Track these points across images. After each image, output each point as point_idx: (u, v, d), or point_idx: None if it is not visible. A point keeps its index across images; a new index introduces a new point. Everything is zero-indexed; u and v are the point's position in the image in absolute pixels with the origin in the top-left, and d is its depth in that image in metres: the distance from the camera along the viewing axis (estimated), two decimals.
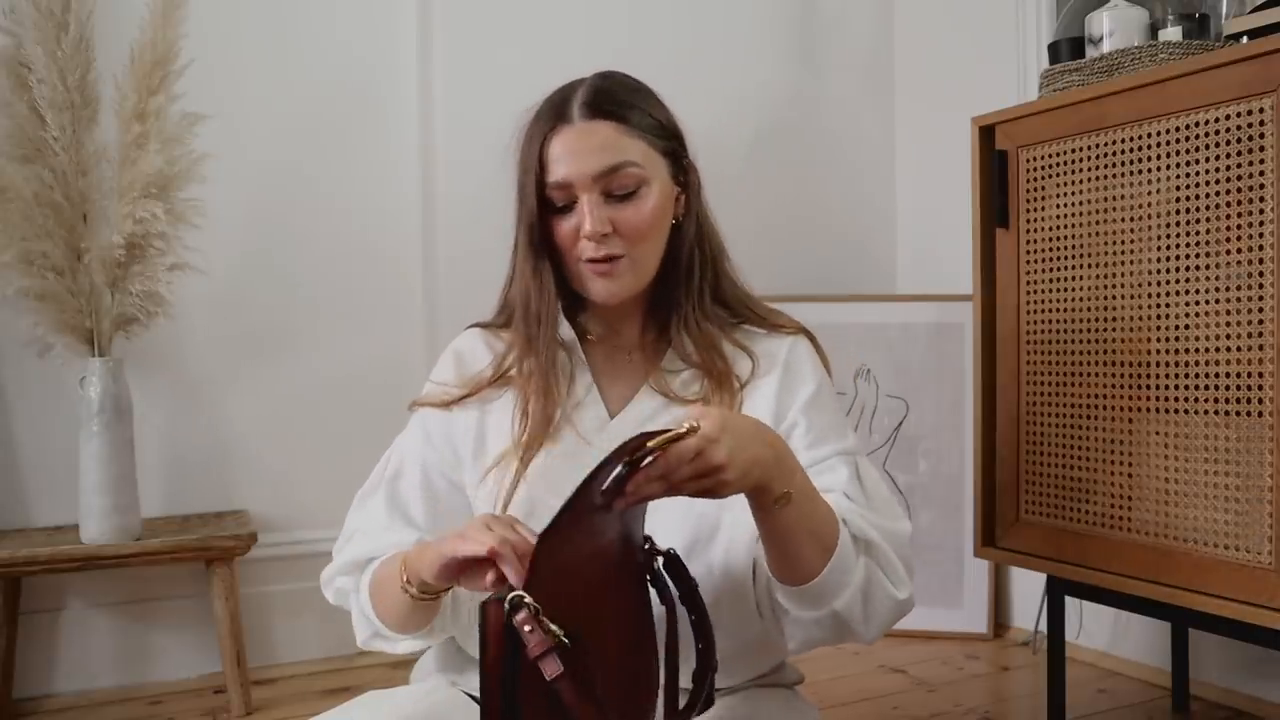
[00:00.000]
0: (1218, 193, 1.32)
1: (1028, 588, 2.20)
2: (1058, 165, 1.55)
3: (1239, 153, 1.29)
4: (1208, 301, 1.34)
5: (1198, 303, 1.35)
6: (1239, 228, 1.30)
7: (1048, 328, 1.58)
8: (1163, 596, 1.40)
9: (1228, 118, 1.31)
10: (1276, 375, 1.26)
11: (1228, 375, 1.32)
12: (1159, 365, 1.41)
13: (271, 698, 1.94)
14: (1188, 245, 1.37)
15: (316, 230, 2.14)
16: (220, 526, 1.93)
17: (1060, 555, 1.55)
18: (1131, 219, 1.44)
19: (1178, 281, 1.38)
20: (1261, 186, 1.27)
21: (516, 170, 1.07)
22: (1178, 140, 1.37)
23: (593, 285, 1.05)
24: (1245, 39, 1.38)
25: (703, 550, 1.01)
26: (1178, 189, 1.38)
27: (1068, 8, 1.80)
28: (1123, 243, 1.45)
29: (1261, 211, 1.27)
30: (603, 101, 1.03)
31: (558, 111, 1.04)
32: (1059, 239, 1.55)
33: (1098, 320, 1.50)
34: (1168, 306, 1.39)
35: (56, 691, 1.94)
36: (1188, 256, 1.37)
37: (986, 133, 1.66)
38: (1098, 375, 1.50)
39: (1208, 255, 1.34)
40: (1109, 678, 1.98)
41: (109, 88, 1.80)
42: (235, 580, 1.89)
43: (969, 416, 2.19)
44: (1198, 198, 1.35)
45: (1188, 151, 1.36)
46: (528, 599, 0.76)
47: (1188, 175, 1.36)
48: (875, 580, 0.97)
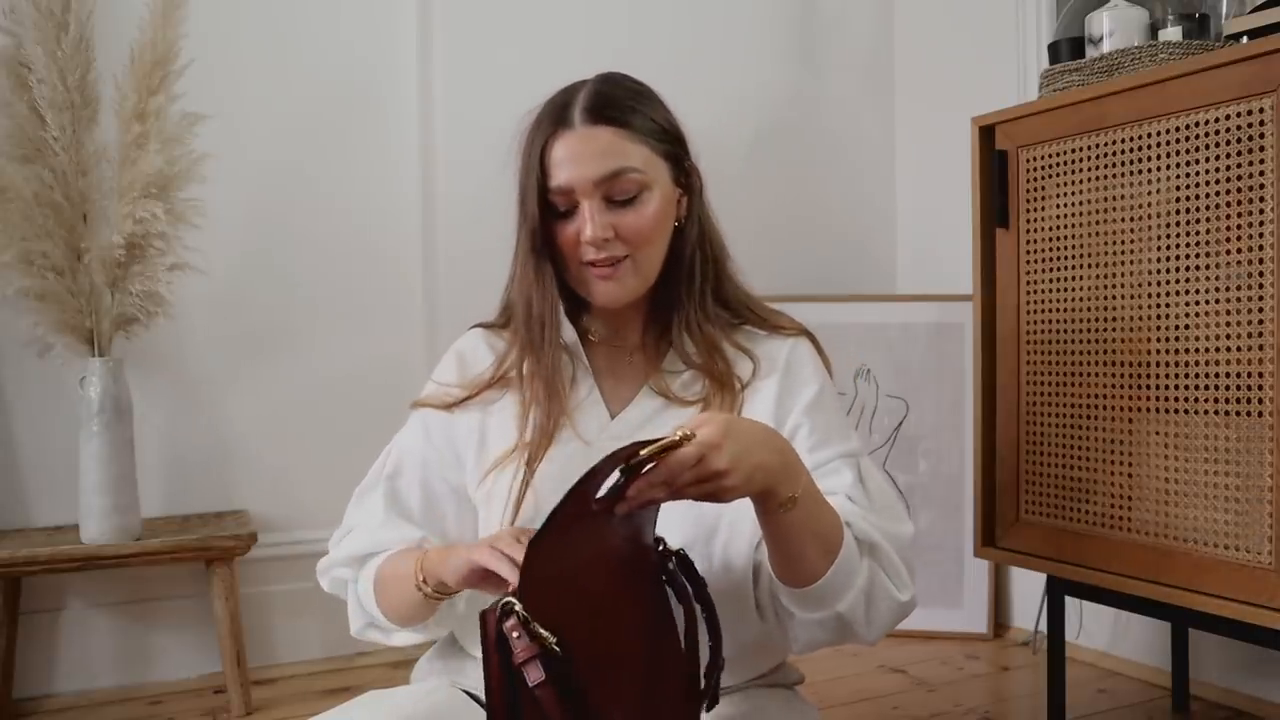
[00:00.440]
0: (1218, 193, 1.32)
1: (1028, 588, 2.20)
2: (1058, 165, 1.55)
3: (1239, 153, 1.29)
4: (1208, 301, 1.34)
5: (1198, 303, 1.35)
6: (1239, 228, 1.30)
7: (1048, 328, 1.58)
8: (1162, 596, 1.40)
9: (1228, 118, 1.30)
10: (1276, 375, 1.26)
11: (1228, 375, 1.32)
12: (1159, 365, 1.41)
13: (271, 698, 1.94)
14: (1188, 245, 1.37)
15: (316, 230, 2.14)
16: (220, 526, 1.93)
17: (1060, 555, 1.55)
18: (1131, 219, 1.44)
19: (1178, 281, 1.38)
20: (1261, 186, 1.27)
21: (518, 172, 1.07)
22: (1178, 140, 1.37)
23: (595, 288, 1.06)
24: (1245, 39, 1.38)
25: (702, 548, 1.01)
26: (1178, 189, 1.38)
27: (1068, 8, 1.80)
28: (1123, 243, 1.45)
29: (1261, 211, 1.27)
30: (604, 106, 1.03)
31: (559, 116, 1.03)
32: (1059, 239, 1.55)
33: (1098, 320, 1.49)
34: (1168, 306, 1.39)
35: (56, 691, 1.94)
36: (1188, 256, 1.37)
37: (986, 133, 1.66)
38: (1098, 375, 1.50)
39: (1208, 255, 1.34)
40: (1109, 678, 1.98)
41: (109, 88, 1.80)
42: (235, 580, 1.89)
43: (969, 416, 2.19)
44: (1198, 198, 1.35)
45: (1188, 151, 1.36)
46: (517, 606, 0.76)
47: (1188, 175, 1.36)
48: (878, 582, 0.98)
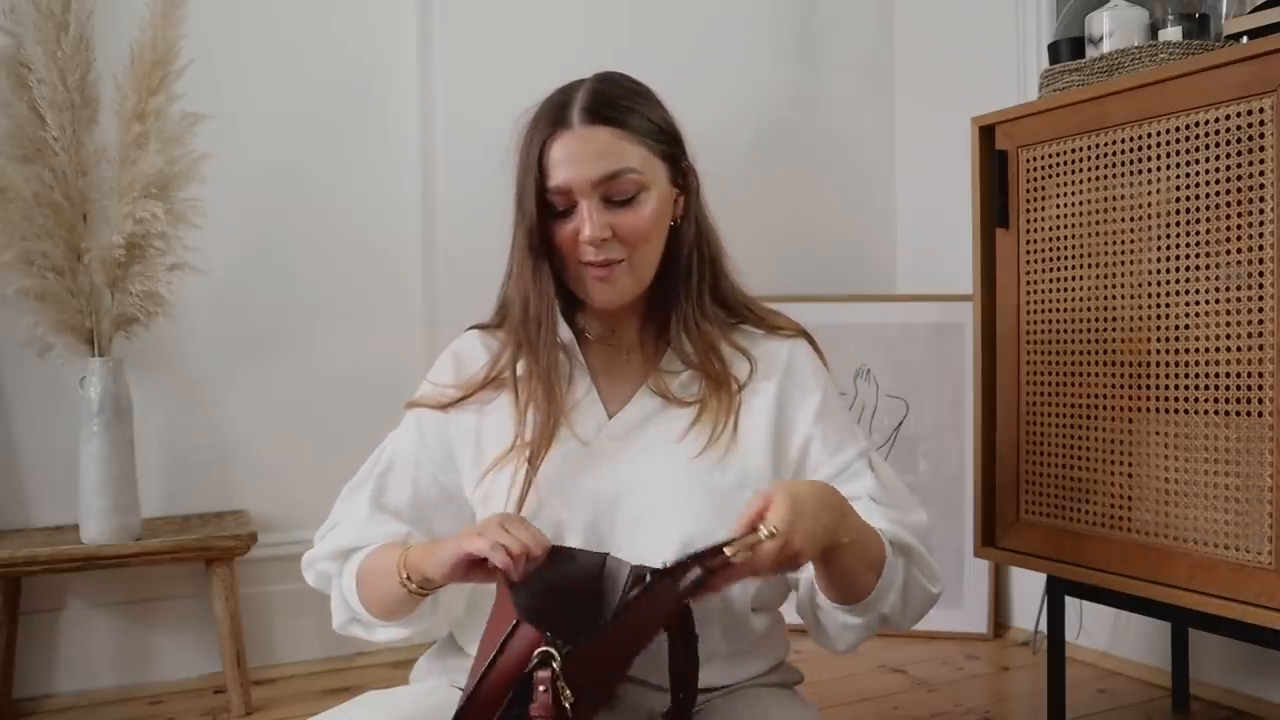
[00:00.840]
0: (1218, 193, 1.32)
1: (1028, 588, 2.20)
2: (1058, 165, 1.55)
3: (1239, 153, 1.29)
4: (1208, 301, 1.34)
5: (1198, 303, 1.35)
6: (1239, 228, 1.30)
7: (1048, 328, 1.58)
8: (1163, 596, 1.40)
9: (1228, 118, 1.30)
10: (1276, 375, 1.26)
11: (1228, 375, 1.32)
12: (1159, 365, 1.41)
13: (271, 698, 1.94)
14: (1188, 245, 1.37)
15: (316, 230, 2.14)
16: (220, 526, 1.93)
17: (1060, 555, 1.55)
18: (1131, 219, 1.44)
19: (1178, 281, 1.38)
20: (1261, 186, 1.27)
21: (515, 171, 1.07)
22: (1178, 140, 1.37)
23: (593, 290, 1.06)
24: (1245, 39, 1.38)
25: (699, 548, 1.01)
26: (1178, 189, 1.38)
27: (1068, 8, 1.80)
28: (1123, 243, 1.45)
29: (1261, 211, 1.27)
30: (602, 106, 1.03)
31: (557, 116, 1.03)
32: (1059, 239, 1.55)
33: (1098, 320, 1.49)
34: (1168, 306, 1.39)
35: (56, 691, 1.94)
36: (1188, 256, 1.37)
37: (986, 133, 1.66)
38: (1098, 375, 1.50)
39: (1208, 255, 1.34)
40: (1109, 678, 1.98)
41: (109, 88, 1.80)
42: (235, 580, 1.89)
43: (969, 416, 2.19)
44: (1198, 198, 1.35)
45: (1188, 151, 1.36)
46: (555, 661, 0.78)
47: (1188, 175, 1.36)
48: (913, 580, 1.05)
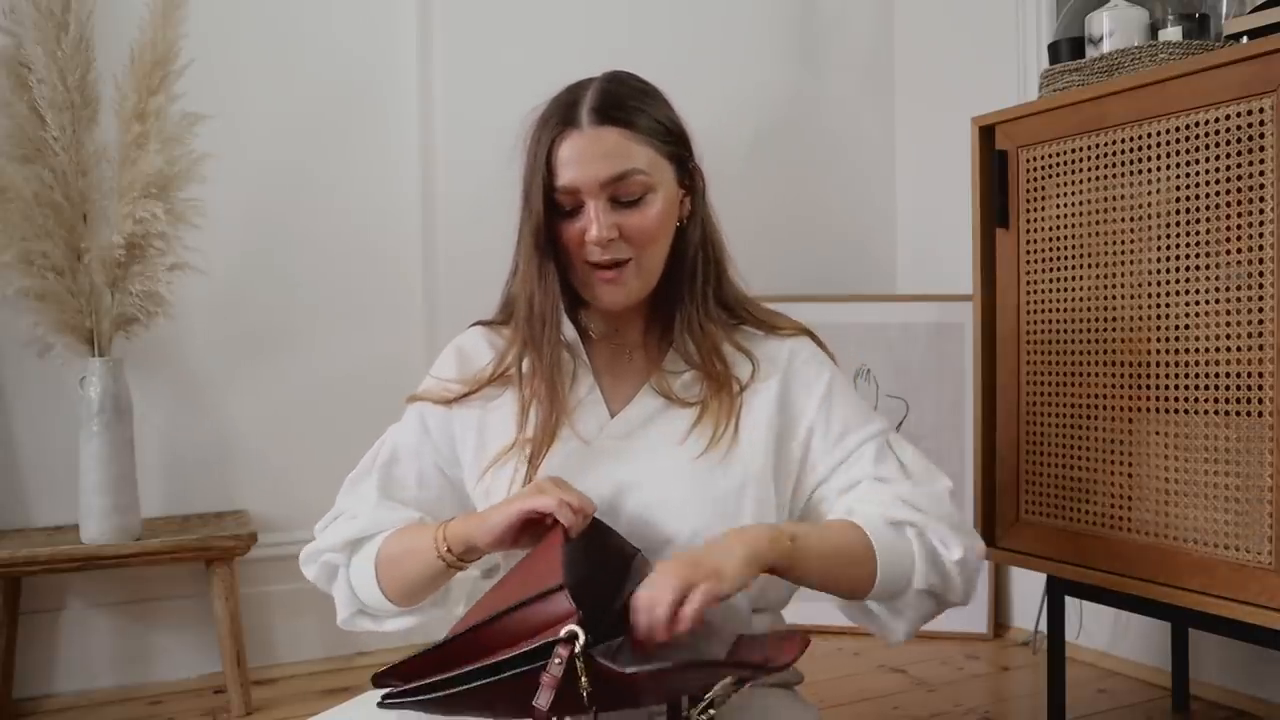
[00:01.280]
0: (1218, 193, 1.32)
1: (1028, 588, 2.20)
2: (1058, 165, 1.55)
3: (1239, 153, 1.29)
4: (1208, 301, 1.34)
5: (1198, 303, 1.35)
6: (1239, 228, 1.30)
7: (1048, 328, 1.58)
8: (1163, 596, 1.39)
9: (1228, 118, 1.30)
10: (1276, 375, 1.26)
11: (1228, 375, 1.32)
12: (1159, 365, 1.41)
13: (271, 698, 1.94)
14: (1188, 245, 1.36)
15: (316, 230, 2.14)
16: (220, 526, 1.93)
17: (1060, 555, 1.55)
18: (1131, 219, 1.44)
19: (1178, 281, 1.38)
20: (1261, 186, 1.27)
21: (522, 169, 1.07)
22: (1178, 140, 1.37)
23: (600, 291, 1.06)
24: (1245, 39, 1.38)
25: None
26: (1178, 189, 1.38)
27: (1068, 8, 1.80)
28: (1123, 243, 1.45)
29: (1261, 211, 1.27)
30: (611, 107, 1.03)
31: (566, 115, 1.03)
32: (1059, 239, 1.55)
33: (1098, 320, 1.49)
34: (1168, 306, 1.39)
35: (56, 691, 1.94)
36: (1188, 256, 1.37)
37: (986, 133, 1.65)
38: (1098, 375, 1.50)
39: (1208, 255, 1.34)
40: (1109, 678, 1.98)
41: (109, 88, 1.80)
42: (235, 580, 1.89)
43: (969, 416, 2.19)
44: (1198, 198, 1.35)
45: (1188, 151, 1.36)
46: (581, 640, 0.77)
47: (1188, 175, 1.36)
48: (930, 549, 1.02)
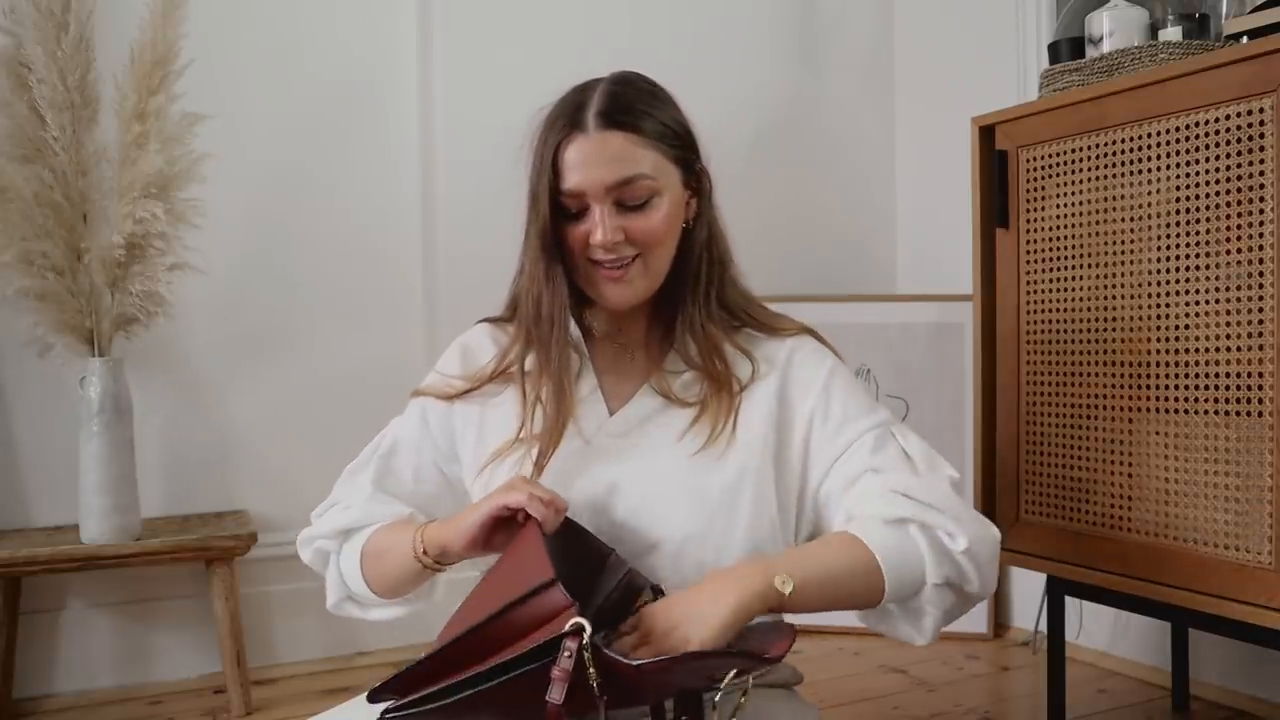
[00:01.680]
0: (1218, 193, 1.32)
1: (1028, 588, 2.20)
2: (1058, 165, 1.55)
3: (1239, 153, 1.29)
4: (1208, 301, 1.34)
5: (1198, 303, 1.35)
6: (1239, 228, 1.30)
7: (1048, 328, 1.58)
8: (1163, 596, 1.39)
9: (1228, 118, 1.30)
10: (1276, 375, 1.26)
11: (1228, 375, 1.32)
12: (1159, 365, 1.41)
13: (271, 698, 1.94)
14: (1188, 245, 1.36)
15: (316, 230, 2.14)
16: (220, 526, 1.93)
17: (1060, 555, 1.55)
18: (1131, 219, 1.44)
19: (1178, 281, 1.38)
20: (1261, 186, 1.27)
21: (529, 169, 1.07)
22: (1178, 140, 1.37)
23: (605, 291, 1.06)
24: (1245, 39, 1.38)
25: (695, 547, 1.02)
26: (1178, 189, 1.38)
27: (1068, 8, 1.80)
28: (1123, 243, 1.45)
29: (1261, 211, 1.27)
30: (617, 110, 1.02)
31: (573, 118, 1.03)
32: (1059, 239, 1.55)
33: (1098, 320, 1.49)
34: (1168, 306, 1.39)
35: (56, 691, 1.94)
36: (1188, 256, 1.37)
37: (986, 133, 1.65)
38: (1098, 375, 1.50)
39: (1208, 255, 1.34)
40: (1109, 678, 1.98)
41: (109, 88, 1.80)
42: (235, 580, 1.89)
43: (969, 416, 2.19)
44: (1198, 198, 1.35)
45: (1188, 151, 1.36)
46: (586, 635, 0.77)
47: (1188, 175, 1.36)
48: (935, 542, 0.99)
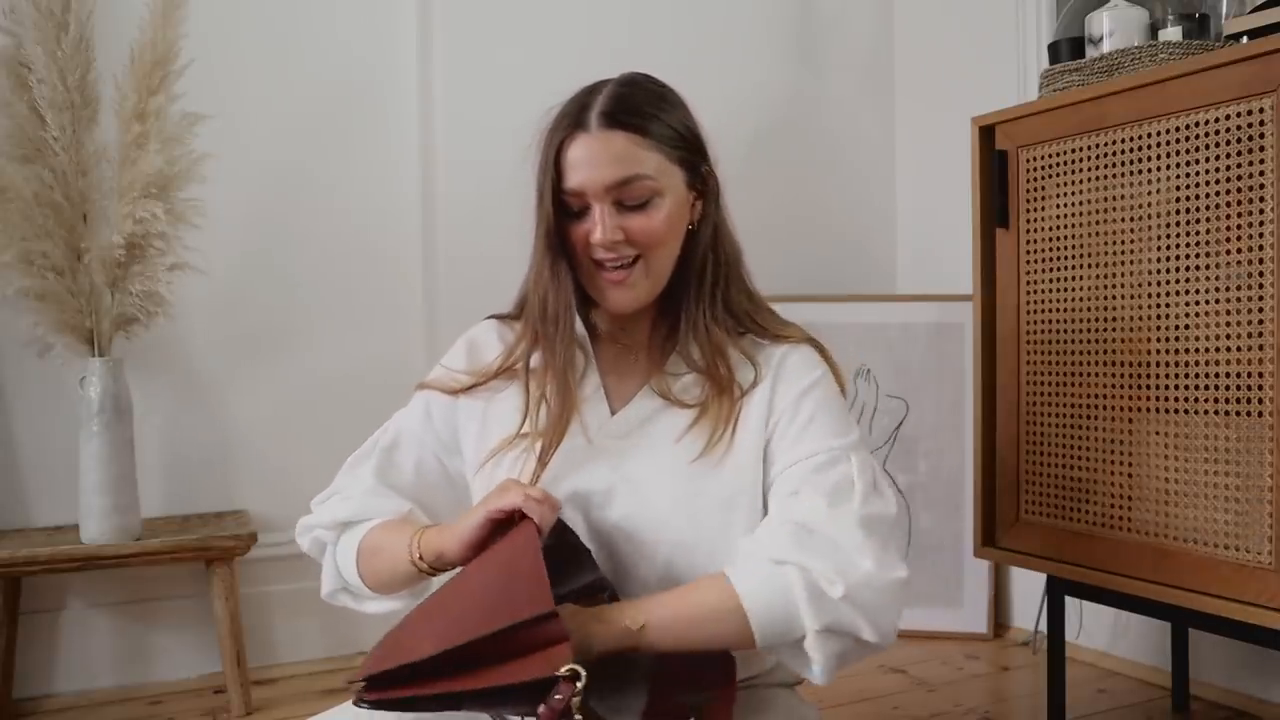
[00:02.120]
0: (1218, 193, 1.32)
1: (1028, 588, 2.20)
2: (1058, 165, 1.55)
3: (1239, 153, 1.29)
4: (1208, 301, 1.34)
5: (1198, 303, 1.35)
6: (1239, 228, 1.30)
7: (1048, 328, 1.58)
8: (1163, 596, 1.40)
9: (1228, 118, 1.30)
10: (1276, 375, 1.26)
11: (1228, 375, 1.32)
12: (1159, 365, 1.41)
13: (271, 698, 1.94)
14: (1188, 245, 1.37)
15: (316, 230, 2.14)
16: (220, 526, 1.93)
17: (1060, 555, 1.55)
18: (1131, 219, 1.44)
19: (1178, 281, 1.38)
20: (1261, 186, 1.27)
21: (537, 169, 1.07)
22: (1178, 140, 1.37)
23: (608, 294, 1.06)
24: (1245, 39, 1.38)
25: (687, 554, 1.02)
26: (1178, 189, 1.38)
27: (1068, 8, 1.80)
28: (1123, 243, 1.45)
29: (1261, 211, 1.27)
30: (620, 111, 1.03)
31: (576, 118, 1.03)
32: (1059, 239, 1.55)
33: (1098, 320, 1.49)
34: (1168, 306, 1.39)
35: (56, 691, 1.94)
36: (1188, 256, 1.37)
37: (986, 133, 1.65)
38: (1098, 375, 1.50)
39: (1208, 255, 1.34)
40: (1109, 678, 1.98)
41: (109, 88, 1.80)
42: (235, 580, 1.89)
43: (969, 416, 2.19)
44: (1198, 198, 1.35)
45: (1188, 151, 1.36)
46: (580, 681, 0.80)
47: (1188, 175, 1.36)
48: (812, 587, 0.91)
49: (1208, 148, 1.33)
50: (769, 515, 1.01)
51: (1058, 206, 1.55)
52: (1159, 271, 1.40)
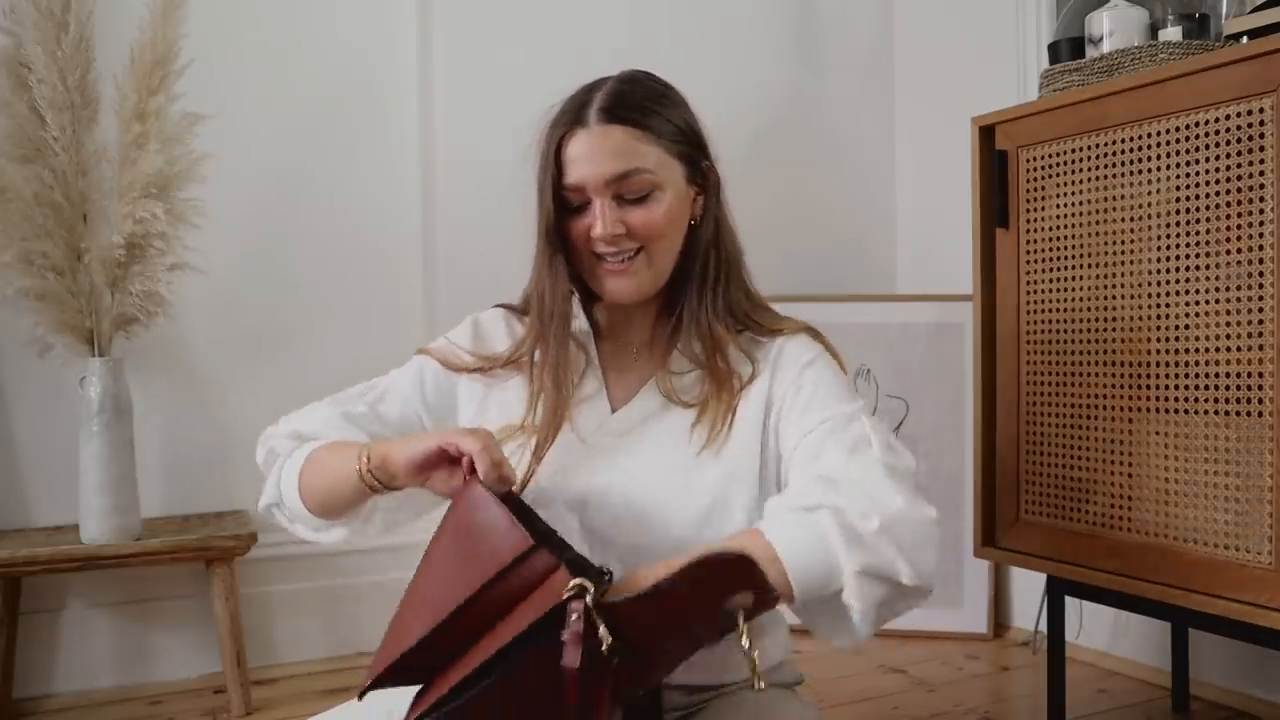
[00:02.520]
0: (1218, 193, 1.32)
1: (1028, 588, 2.20)
2: (1058, 165, 1.55)
3: (1239, 153, 1.29)
4: (1208, 301, 1.34)
5: (1198, 303, 1.35)
6: (1239, 228, 1.30)
7: (1048, 328, 1.58)
8: (1163, 596, 1.40)
9: (1228, 118, 1.30)
10: (1276, 375, 1.26)
11: (1228, 375, 1.32)
12: (1159, 365, 1.41)
13: (271, 698, 1.94)
14: (1188, 245, 1.37)
15: (316, 230, 2.14)
16: (220, 526, 1.93)
17: (1060, 555, 1.55)
18: (1131, 219, 1.44)
19: (1178, 281, 1.38)
20: (1261, 186, 1.27)
21: (537, 166, 1.08)
22: (1178, 140, 1.37)
23: (607, 284, 1.07)
24: (1245, 39, 1.38)
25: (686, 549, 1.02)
26: (1178, 189, 1.38)
27: (1068, 8, 1.80)
28: (1123, 243, 1.45)
29: (1261, 211, 1.27)
30: (619, 106, 1.04)
31: (576, 114, 1.05)
32: (1059, 239, 1.55)
33: (1098, 320, 1.49)
34: (1168, 306, 1.39)
35: (56, 691, 1.94)
36: (1188, 256, 1.37)
37: (986, 133, 1.65)
38: (1098, 375, 1.50)
39: (1208, 255, 1.34)
40: (1109, 678, 1.98)
41: (109, 88, 1.80)
42: (235, 580, 1.89)
43: (969, 416, 2.19)
44: (1198, 198, 1.35)
45: (1188, 151, 1.36)
46: (589, 595, 0.76)
47: (1188, 175, 1.36)
48: (847, 526, 0.90)
49: (1208, 148, 1.33)
50: (791, 482, 1.01)
51: (1058, 206, 1.55)
52: (1159, 271, 1.40)
